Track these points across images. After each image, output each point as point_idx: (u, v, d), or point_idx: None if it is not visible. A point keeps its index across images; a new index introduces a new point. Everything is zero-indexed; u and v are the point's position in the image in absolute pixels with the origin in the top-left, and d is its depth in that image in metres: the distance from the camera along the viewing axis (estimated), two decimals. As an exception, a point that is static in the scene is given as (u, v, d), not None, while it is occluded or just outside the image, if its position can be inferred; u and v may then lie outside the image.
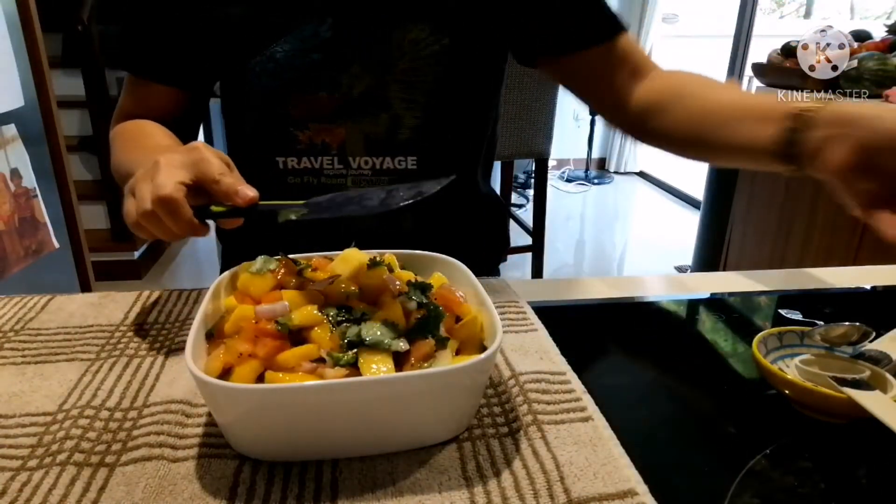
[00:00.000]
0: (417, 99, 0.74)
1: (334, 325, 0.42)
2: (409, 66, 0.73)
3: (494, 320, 0.43)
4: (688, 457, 0.44)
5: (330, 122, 0.74)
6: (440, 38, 0.72)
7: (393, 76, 0.73)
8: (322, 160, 0.75)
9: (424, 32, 0.72)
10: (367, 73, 0.72)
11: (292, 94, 0.73)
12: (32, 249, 1.55)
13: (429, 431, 0.42)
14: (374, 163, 0.76)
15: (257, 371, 0.40)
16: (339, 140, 0.75)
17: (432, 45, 0.72)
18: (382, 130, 0.75)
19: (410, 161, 0.76)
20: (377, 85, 0.73)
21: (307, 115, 0.74)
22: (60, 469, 0.39)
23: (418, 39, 0.72)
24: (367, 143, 0.75)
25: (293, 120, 0.74)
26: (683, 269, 2.95)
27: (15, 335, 0.57)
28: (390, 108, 0.74)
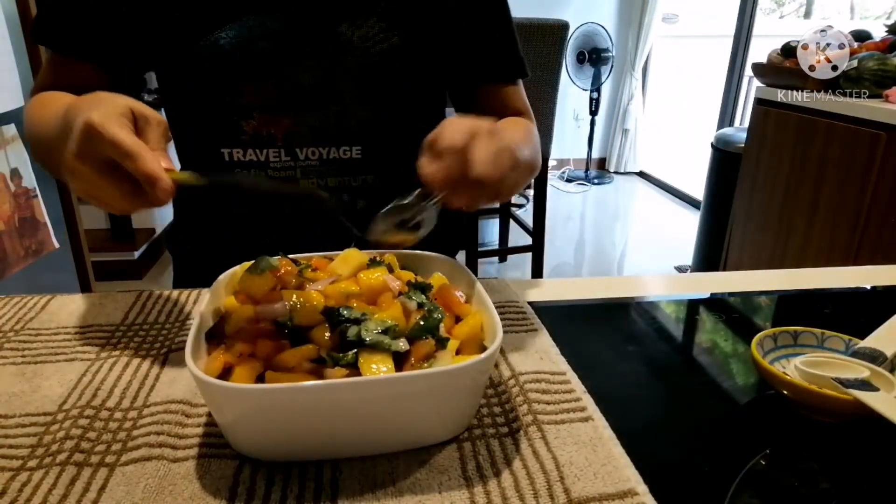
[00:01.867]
0: (369, 94, 0.75)
1: (334, 325, 0.42)
2: (361, 61, 0.73)
3: (494, 320, 0.43)
4: (688, 457, 0.44)
5: (276, 113, 0.73)
6: (390, 36, 0.73)
7: (343, 70, 0.73)
8: (268, 152, 0.74)
9: (374, 30, 0.73)
10: (315, 65, 0.72)
11: (239, 82, 0.71)
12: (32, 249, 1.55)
13: (429, 431, 0.42)
14: (321, 153, 0.75)
15: (257, 371, 0.40)
16: (285, 131, 0.74)
17: (382, 42, 0.73)
18: (331, 122, 0.75)
19: (356, 151, 0.76)
20: (326, 78, 0.73)
21: (254, 104, 0.72)
22: (60, 469, 0.39)
23: (368, 36, 0.73)
24: (314, 134, 0.75)
25: (239, 108, 0.72)
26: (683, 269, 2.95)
27: (15, 335, 0.57)
28: (340, 101, 0.74)
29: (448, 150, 0.47)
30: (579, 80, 4.07)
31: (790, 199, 2.01)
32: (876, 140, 1.73)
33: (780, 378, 0.47)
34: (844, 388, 0.45)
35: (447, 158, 0.47)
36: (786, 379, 0.47)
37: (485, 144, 0.47)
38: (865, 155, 1.76)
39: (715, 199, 2.59)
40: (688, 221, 3.67)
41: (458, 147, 0.47)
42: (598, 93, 4.18)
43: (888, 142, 1.69)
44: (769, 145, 2.13)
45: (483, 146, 0.47)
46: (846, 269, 0.83)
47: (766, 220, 2.14)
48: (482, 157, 0.46)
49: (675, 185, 4.36)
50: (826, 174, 1.89)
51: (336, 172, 0.77)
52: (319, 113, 0.74)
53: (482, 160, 0.46)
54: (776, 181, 2.08)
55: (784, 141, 2.05)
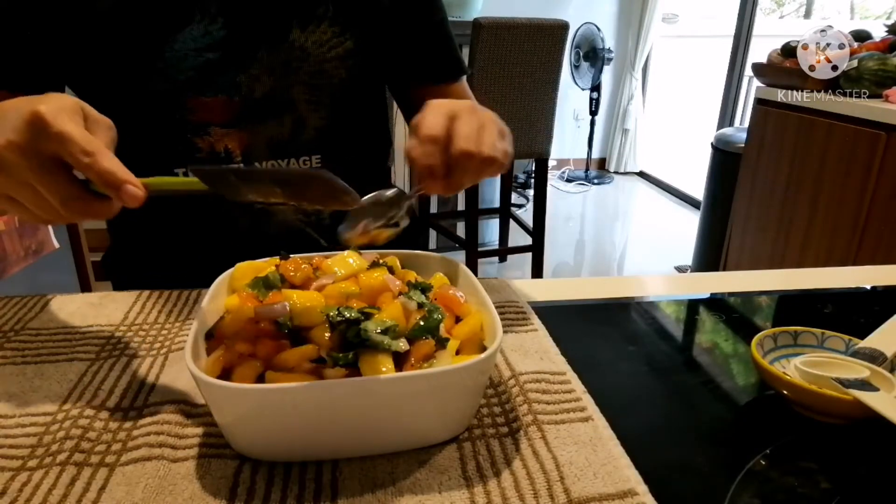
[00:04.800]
0: (323, 100, 0.74)
1: (334, 325, 0.42)
2: (316, 67, 0.72)
3: (494, 320, 0.43)
4: (688, 457, 0.44)
5: (232, 127, 0.70)
6: (344, 40, 0.72)
7: (297, 77, 0.71)
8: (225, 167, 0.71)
9: (327, 35, 0.71)
10: (268, 74, 0.70)
11: (188, 97, 0.68)
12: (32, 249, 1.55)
13: (429, 431, 0.42)
14: (280, 166, 0.74)
15: (257, 371, 0.40)
16: (243, 145, 0.72)
17: (336, 47, 0.72)
18: (287, 132, 0.73)
19: (315, 160, 0.75)
20: (281, 87, 0.71)
21: (207, 120, 0.70)
22: (60, 469, 0.39)
23: (322, 41, 0.71)
24: (271, 147, 0.73)
25: (191, 125, 0.69)
26: (683, 269, 2.95)
27: (15, 335, 0.57)
28: (295, 110, 0.73)
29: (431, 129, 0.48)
30: (579, 80, 4.08)
31: (790, 199, 2.01)
32: (876, 140, 1.73)
33: (780, 378, 0.47)
34: (844, 388, 0.45)
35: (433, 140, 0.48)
36: (786, 379, 0.47)
37: (467, 120, 0.49)
38: (865, 155, 1.76)
39: (715, 199, 2.59)
40: (688, 221, 3.67)
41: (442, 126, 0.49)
42: (598, 93, 4.18)
43: (888, 142, 1.70)
44: (769, 145, 2.13)
45: (466, 122, 0.49)
46: (846, 269, 0.83)
47: (766, 220, 2.14)
48: (466, 133, 0.48)
49: (675, 185, 4.36)
50: (826, 174, 1.89)
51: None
52: (275, 123, 0.72)
53: (466, 135, 0.48)
54: (776, 181, 2.08)
55: (784, 141, 2.05)
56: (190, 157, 0.70)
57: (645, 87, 4.62)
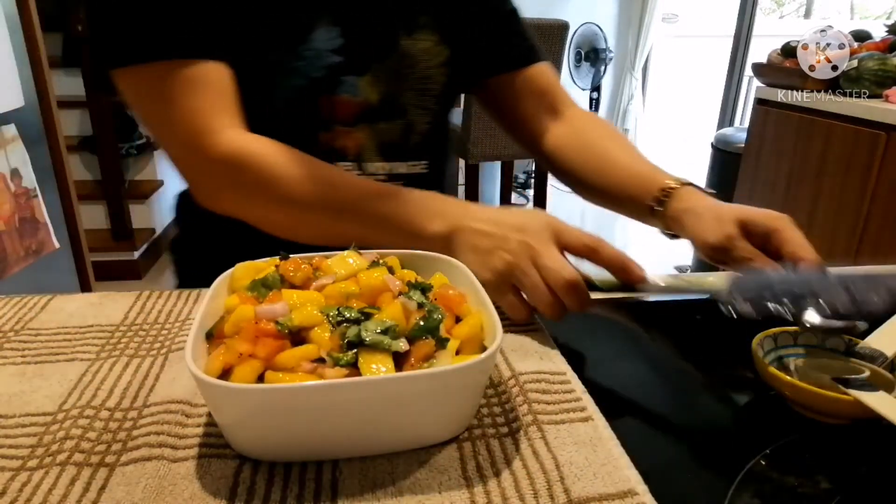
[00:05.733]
0: (429, 106, 0.77)
1: (334, 325, 0.42)
2: (423, 74, 0.75)
3: (494, 320, 0.43)
4: (688, 457, 0.44)
5: (351, 126, 0.74)
6: (442, 48, 0.76)
7: (408, 83, 0.75)
8: (338, 166, 0.75)
9: (429, 43, 0.75)
10: (382, 80, 0.74)
11: (319, 93, 0.72)
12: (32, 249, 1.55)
13: (429, 431, 0.41)
14: (388, 168, 0.77)
15: (257, 371, 0.40)
16: (357, 145, 0.75)
17: (438, 55, 0.76)
18: (397, 136, 0.77)
19: (422, 165, 0.79)
20: (393, 92, 0.75)
21: (333, 117, 0.73)
22: (60, 469, 0.39)
23: (426, 49, 0.75)
24: (383, 149, 0.76)
25: (320, 121, 0.73)
26: (683, 269, 2.95)
27: (15, 335, 0.57)
28: (405, 115, 0.76)
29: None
30: (579, 79, 4.08)
31: (790, 199, 2.01)
32: (876, 140, 1.73)
33: (780, 378, 0.47)
34: (844, 388, 0.45)
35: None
36: (786, 379, 0.47)
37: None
38: (865, 155, 1.76)
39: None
40: (688, 221, 3.66)
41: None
42: (597, 93, 4.18)
43: (888, 142, 1.70)
44: (769, 145, 2.13)
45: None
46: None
47: (766, 220, 2.13)
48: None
49: (675, 185, 4.35)
50: (826, 174, 1.89)
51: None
52: (388, 127, 0.76)
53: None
54: (776, 181, 2.08)
55: (784, 141, 2.05)
56: (311, 149, 0.70)
57: (645, 87, 4.62)
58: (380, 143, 0.76)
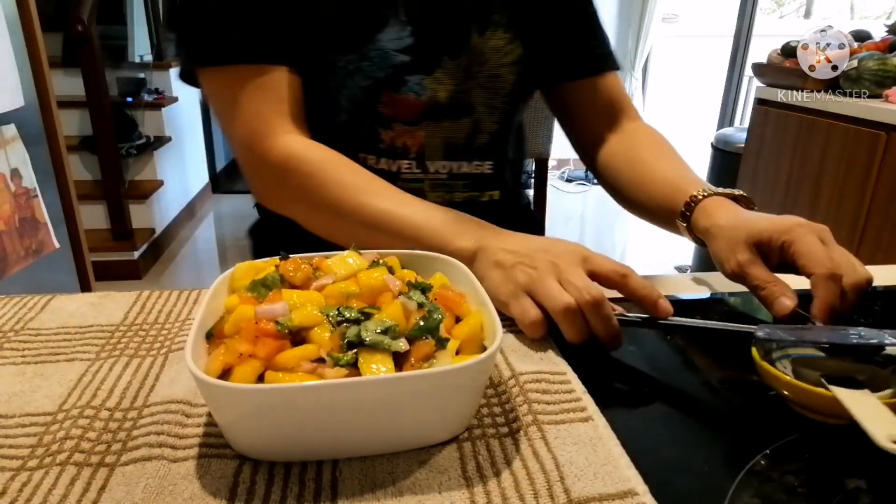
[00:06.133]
0: (497, 104, 0.77)
1: (334, 325, 0.42)
2: (493, 72, 0.75)
3: (494, 320, 0.43)
4: (688, 457, 0.44)
5: (414, 124, 0.75)
6: (515, 47, 0.75)
7: (477, 81, 0.75)
8: (400, 163, 0.76)
9: (503, 41, 0.75)
10: (450, 78, 0.74)
11: (383, 92, 0.73)
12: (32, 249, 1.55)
13: (429, 431, 0.42)
14: (451, 167, 0.77)
15: (257, 371, 0.40)
16: (419, 143, 0.76)
17: (510, 53, 0.75)
18: (463, 135, 0.76)
19: (487, 166, 0.78)
20: (461, 90, 0.74)
21: (394, 115, 0.74)
22: (60, 469, 0.39)
23: (498, 47, 0.75)
24: (447, 148, 0.76)
25: (381, 119, 0.74)
26: (683, 269, 2.95)
27: (15, 335, 0.57)
28: (473, 113, 0.76)
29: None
30: (579, 80, 4.07)
31: (790, 199, 2.01)
32: (876, 140, 1.73)
33: (780, 378, 0.47)
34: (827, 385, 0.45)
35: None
36: (786, 379, 0.47)
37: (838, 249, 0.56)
38: (865, 155, 1.76)
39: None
40: (688, 221, 3.66)
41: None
42: (598, 93, 4.17)
43: (888, 142, 1.70)
44: (769, 145, 2.13)
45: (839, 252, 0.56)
46: (846, 269, 0.82)
47: (766, 220, 2.14)
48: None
49: (675, 185, 4.35)
50: (826, 174, 1.89)
51: (463, 187, 0.78)
52: (454, 126, 0.76)
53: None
54: (776, 181, 2.08)
55: (784, 141, 2.05)
56: (373, 146, 0.74)
57: (645, 87, 4.62)
58: (444, 141, 0.76)
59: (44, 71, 1.57)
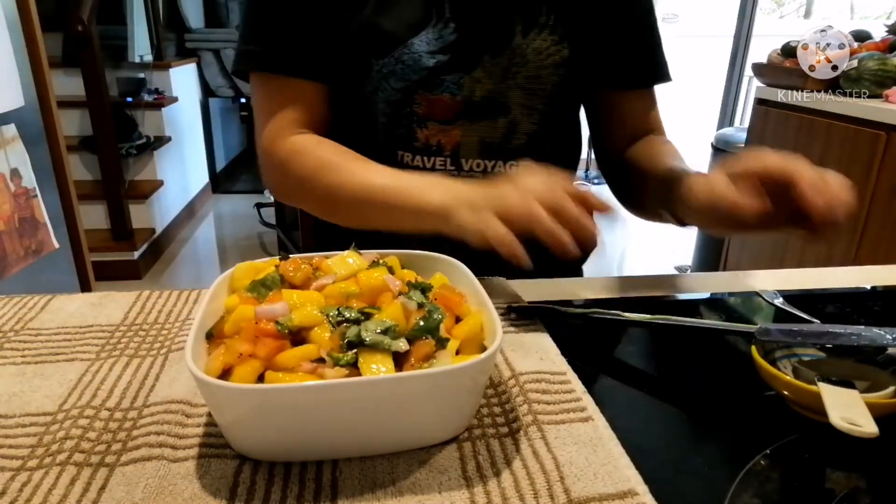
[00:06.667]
0: (536, 106, 0.76)
1: (334, 325, 0.42)
2: (533, 73, 0.75)
3: (494, 320, 0.43)
4: (688, 457, 0.44)
5: (449, 123, 0.75)
6: (561, 48, 0.75)
7: (515, 82, 0.75)
8: (435, 160, 0.77)
9: (547, 42, 0.74)
10: (489, 77, 0.74)
11: (417, 93, 0.74)
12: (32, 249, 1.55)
13: (429, 431, 0.42)
14: (486, 165, 0.78)
15: (257, 371, 0.40)
16: (454, 142, 0.76)
17: (554, 54, 0.75)
18: (499, 135, 0.77)
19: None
20: (499, 90, 0.75)
21: (429, 115, 0.75)
22: (60, 469, 0.39)
23: (541, 48, 0.74)
24: (482, 147, 0.77)
25: (416, 117, 0.76)
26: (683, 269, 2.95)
27: (15, 335, 0.57)
28: (509, 113, 0.76)
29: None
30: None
31: (790, 199, 2.01)
32: (876, 140, 1.73)
33: (780, 378, 0.47)
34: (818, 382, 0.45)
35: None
36: (786, 379, 0.47)
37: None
38: (865, 155, 1.76)
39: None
40: (688, 221, 3.66)
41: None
42: (598, 92, 4.17)
43: (888, 142, 1.70)
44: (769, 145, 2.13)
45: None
46: (846, 269, 0.83)
47: (766, 220, 2.13)
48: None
49: (675, 185, 4.34)
50: (826, 174, 1.89)
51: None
52: (490, 125, 0.76)
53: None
54: (776, 181, 2.07)
55: (784, 141, 2.05)
56: (409, 144, 0.77)
57: (645, 87, 4.61)
58: (480, 140, 0.76)
59: (44, 71, 1.57)
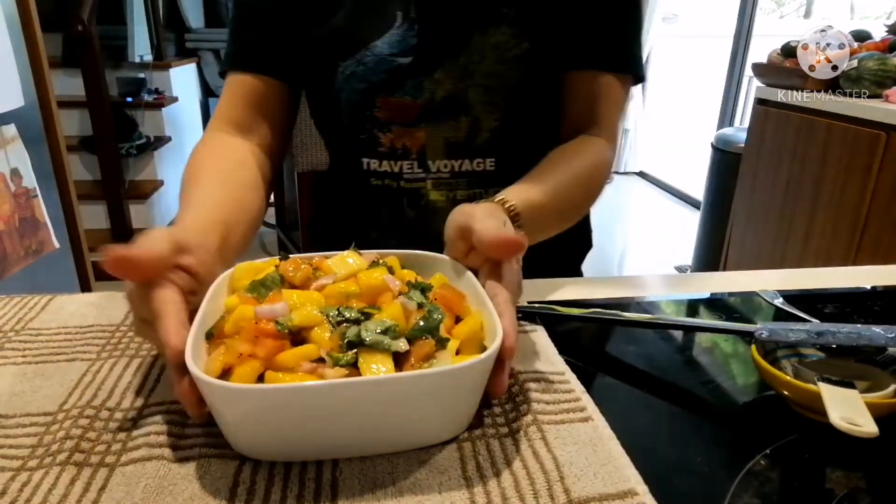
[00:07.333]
0: (497, 102, 0.75)
1: (334, 325, 0.42)
2: (491, 70, 0.74)
3: (494, 320, 0.43)
4: (688, 457, 0.44)
5: (411, 126, 0.75)
6: (521, 41, 0.73)
7: (474, 80, 0.74)
8: (402, 164, 0.77)
9: (506, 36, 0.73)
10: (449, 77, 0.74)
11: (378, 96, 0.74)
12: (32, 249, 1.55)
13: (429, 432, 0.42)
14: (452, 166, 0.77)
15: (257, 371, 0.40)
16: (419, 144, 0.76)
17: (513, 49, 0.73)
18: (462, 134, 0.76)
19: (489, 163, 0.78)
20: (458, 89, 0.74)
21: (391, 119, 0.75)
22: (60, 469, 0.39)
23: (500, 43, 0.73)
24: (447, 147, 0.77)
25: (378, 122, 0.76)
26: (683, 269, 2.95)
27: (16, 335, 0.57)
28: (470, 112, 0.75)
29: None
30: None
31: (790, 199, 2.01)
32: (876, 140, 1.73)
33: (780, 378, 0.47)
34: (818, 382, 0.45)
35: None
36: (786, 379, 0.47)
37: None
38: (865, 155, 1.76)
39: (715, 199, 2.59)
40: (688, 221, 3.67)
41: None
42: (598, 92, 4.17)
43: (888, 142, 1.70)
44: (769, 145, 2.13)
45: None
46: (846, 269, 0.83)
47: (766, 219, 2.14)
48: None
49: (675, 185, 4.35)
50: (826, 174, 1.89)
51: (466, 185, 0.78)
52: (452, 125, 0.76)
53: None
54: (776, 181, 2.08)
55: (784, 141, 2.05)
56: (374, 150, 0.77)
57: (645, 87, 4.62)
58: (445, 141, 0.76)
59: (44, 71, 1.57)
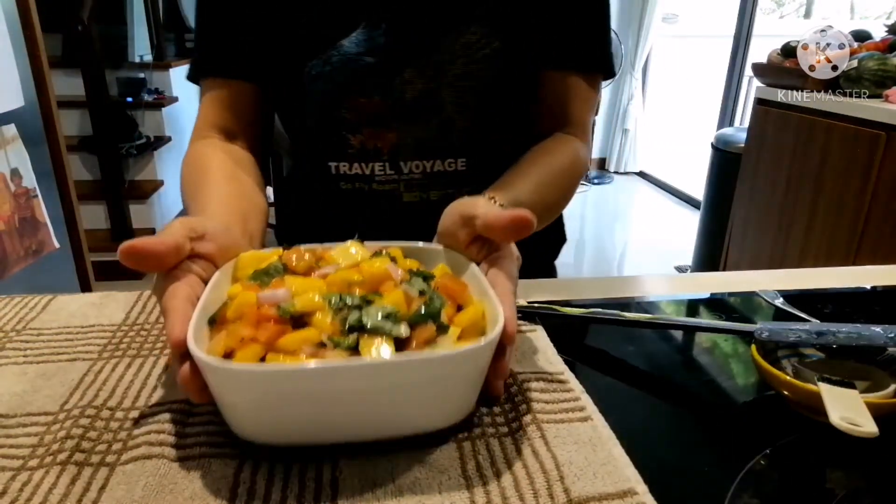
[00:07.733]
0: (469, 102, 0.75)
1: (336, 311, 0.41)
2: (463, 69, 0.73)
3: (496, 308, 0.43)
4: (688, 457, 0.44)
5: (382, 127, 0.74)
6: (492, 41, 0.73)
7: (446, 80, 0.73)
8: (373, 166, 0.76)
9: (476, 35, 0.72)
10: (419, 77, 0.72)
11: (346, 97, 0.73)
12: (32, 249, 1.55)
13: (429, 417, 0.41)
14: (424, 166, 0.76)
15: (258, 355, 0.39)
16: (390, 144, 0.75)
17: (484, 48, 0.73)
18: (434, 134, 0.75)
19: (461, 163, 0.77)
20: (430, 89, 0.73)
21: (360, 119, 0.74)
22: (61, 469, 0.39)
23: (470, 42, 0.72)
24: (419, 147, 0.76)
25: (347, 123, 0.74)
26: (683, 269, 2.95)
27: (17, 335, 0.57)
28: (442, 112, 0.74)
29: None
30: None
31: (790, 199, 2.01)
32: (876, 140, 1.73)
33: (780, 378, 0.47)
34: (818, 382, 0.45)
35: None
36: (786, 379, 0.47)
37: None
38: (865, 155, 1.76)
39: (715, 199, 2.59)
40: (688, 221, 3.67)
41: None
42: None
43: (888, 142, 1.70)
44: (769, 145, 2.13)
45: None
46: (846, 269, 0.83)
47: (766, 220, 2.14)
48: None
49: (675, 185, 4.36)
50: (826, 174, 1.89)
51: (439, 185, 0.77)
52: (423, 125, 0.74)
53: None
54: (776, 181, 2.08)
55: (784, 141, 2.05)
56: (343, 153, 0.76)
57: (645, 87, 4.62)
58: (416, 142, 0.75)
59: (44, 71, 1.57)
